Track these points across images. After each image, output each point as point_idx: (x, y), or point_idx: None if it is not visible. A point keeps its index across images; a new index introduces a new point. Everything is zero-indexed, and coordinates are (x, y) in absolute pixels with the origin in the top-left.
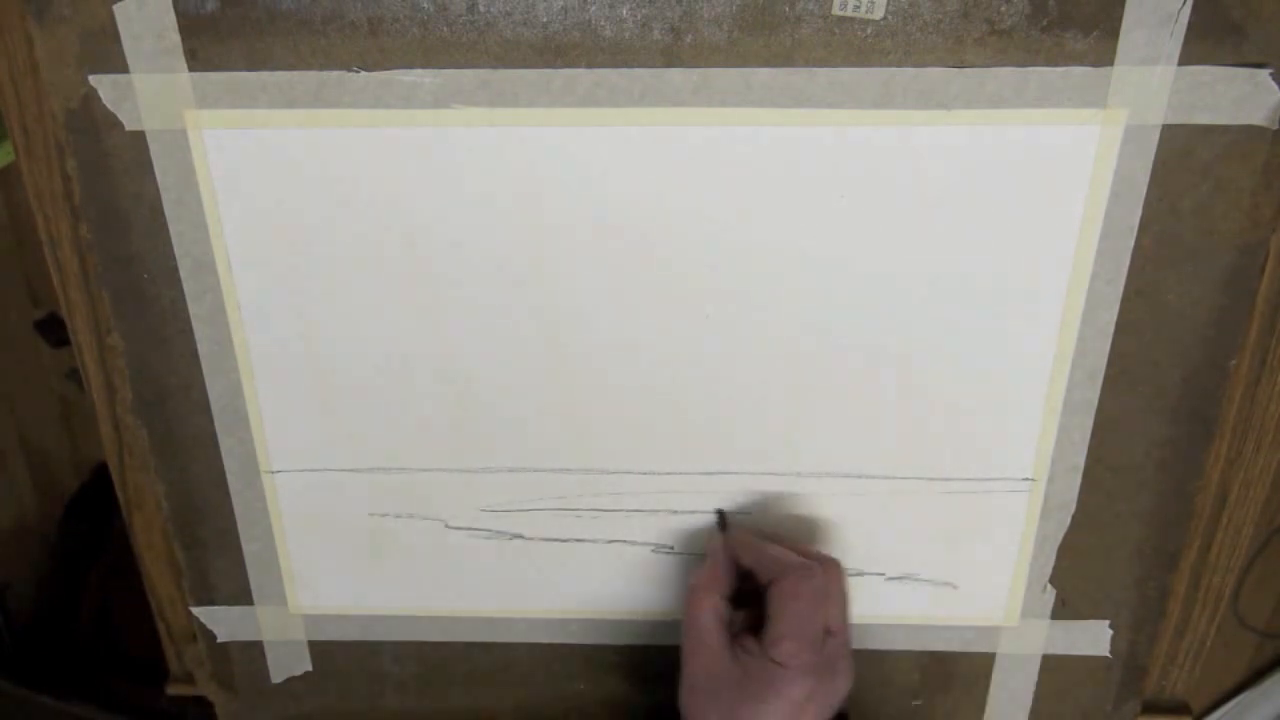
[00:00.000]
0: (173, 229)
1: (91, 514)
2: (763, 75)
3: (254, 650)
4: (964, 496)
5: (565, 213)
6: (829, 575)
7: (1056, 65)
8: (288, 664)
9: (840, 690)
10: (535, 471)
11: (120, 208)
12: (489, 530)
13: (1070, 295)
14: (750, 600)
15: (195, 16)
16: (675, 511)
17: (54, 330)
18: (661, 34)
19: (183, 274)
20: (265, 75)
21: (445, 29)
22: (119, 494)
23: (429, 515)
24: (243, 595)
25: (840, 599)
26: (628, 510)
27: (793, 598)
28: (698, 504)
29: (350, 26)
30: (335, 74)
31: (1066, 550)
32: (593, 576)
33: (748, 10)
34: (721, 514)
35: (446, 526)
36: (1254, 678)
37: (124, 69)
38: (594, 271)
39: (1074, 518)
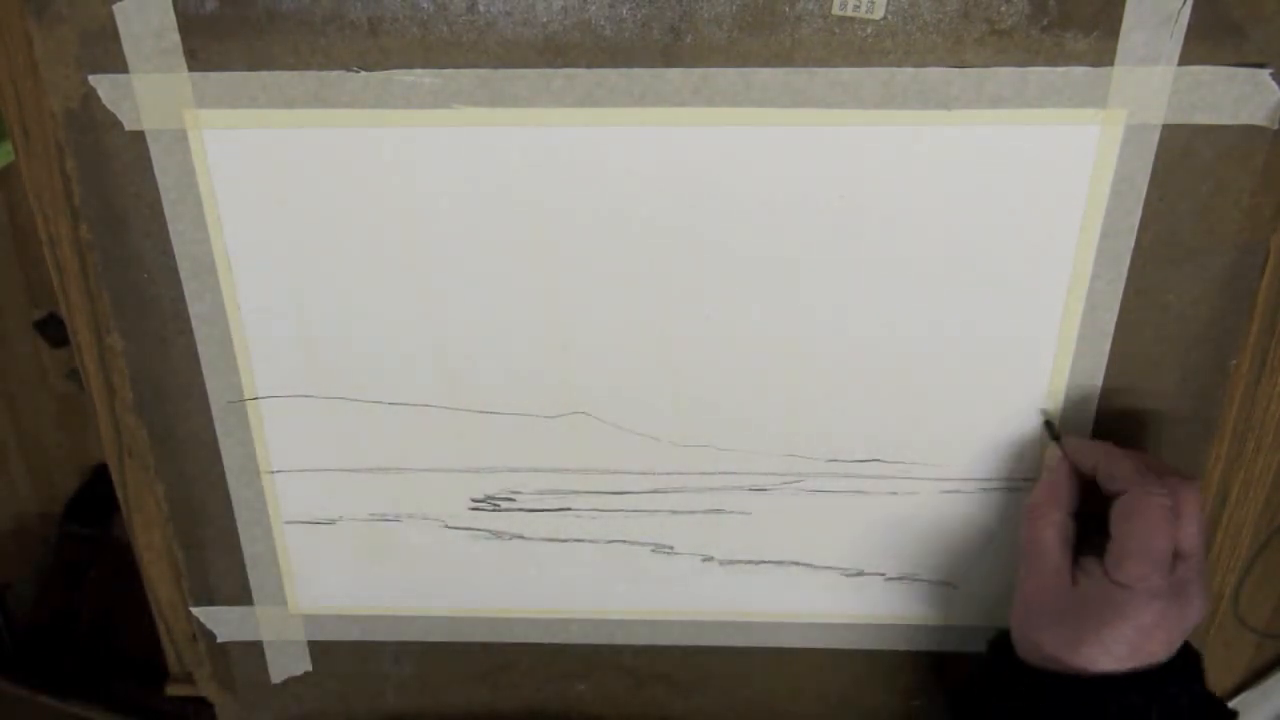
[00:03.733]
0: (173, 229)
1: (91, 514)
2: (763, 75)
3: (254, 650)
4: (964, 496)
5: (565, 212)
6: (1182, 493)
7: (1056, 65)
8: (288, 664)
9: (1191, 619)
10: (535, 471)
11: (120, 208)
12: (489, 530)
13: (1070, 295)
14: (1093, 523)
15: (195, 16)
16: (675, 511)
17: (54, 330)
18: (661, 34)
19: (183, 274)
20: (265, 75)
21: (445, 29)
22: (119, 494)
23: (429, 515)
24: (243, 595)
25: (1195, 520)
26: (628, 510)
27: (1140, 515)
28: (698, 504)
29: (350, 26)
30: (335, 74)
31: None
32: (593, 576)
33: (748, 10)
34: (1050, 422)
35: (446, 526)
36: (1254, 678)
37: (124, 69)
38: (594, 271)
39: None
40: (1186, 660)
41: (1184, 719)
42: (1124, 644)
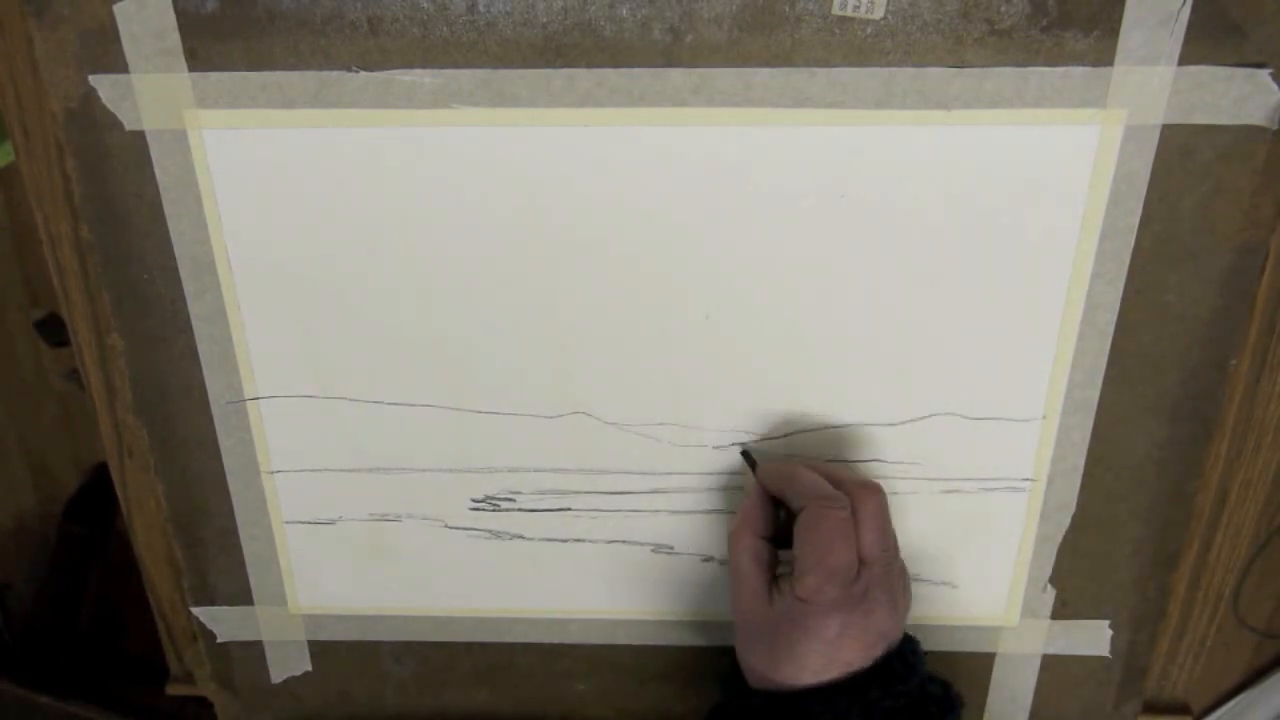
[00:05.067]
0: (173, 229)
1: (91, 514)
2: (763, 75)
3: (254, 650)
4: (964, 496)
5: (565, 212)
6: (861, 501)
7: (1056, 65)
8: (288, 664)
9: (882, 623)
10: (535, 471)
11: (120, 208)
12: (489, 530)
13: (1070, 295)
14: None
15: (195, 16)
16: (675, 511)
17: (54, 330)
18: (661, 34)
19: (183, 274)
20: (265, 75)
21: (445, 29)
22: (119, 494)
23: (429, 515)
24: (243, 595)
25: (876, 526)
26: (627, 510)
27: (813, 530)
28: (698, 504)
29: (350, 26)
30: (335, 74)
31: (1066, 550)
32: (593, 576)
33: (748, 10)
34: (747, 453)
35: (446, 526)
36: (1254, 678)
37: (124, 69)
38: (594, 271)
39: (1074, 518)
40: (894, 662)
41: (896, 718)
42: (816, 657)
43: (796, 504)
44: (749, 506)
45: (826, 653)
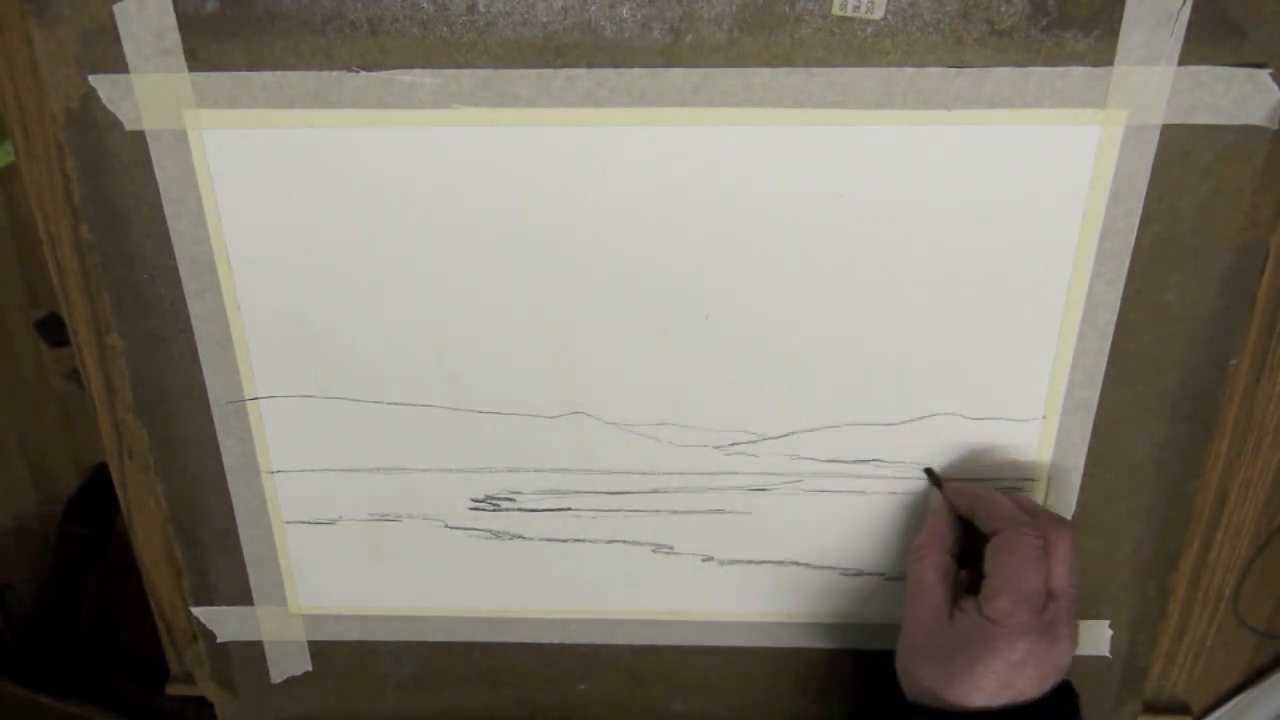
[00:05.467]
0: (173, 229)
1: (91, 514)
2: (763, 75)
3: (254, 650)
4: None
5: (565, 212)
6: (1054, 535)
7: (1056, 65)
8: (288, 664)
9: (1060, 657)
10: (535, 471)
11: (120, 208)
12: (489, 530)
13: (1070, 295)
14: (975, 561)
15: (195, 16)
16: (675, 511)
17: (54, 330)
18: (661, 34)
19: (183, 274)
20: (265, 75)
21: (445, 29)
22: (119, 494)
23: (429, 515)
24: (243, 595)
25: (1065, 561)
26: (628, 510)
27: (1009, 553)
28: (698, 504)
29: (350, 26)
30: (335, 74)
31: None
32: (593, 576)
33: (748, 10)
34: (931, 471)
35: (446, 526)
36: (1254, 678)
37: (124, 69)
38: (594, 271)
39: (1074, 518)
40: (1059, 699)
41: None
42: (994, 678)
43: (989, 526)
44: (937, 523)
45: (1005, 676)
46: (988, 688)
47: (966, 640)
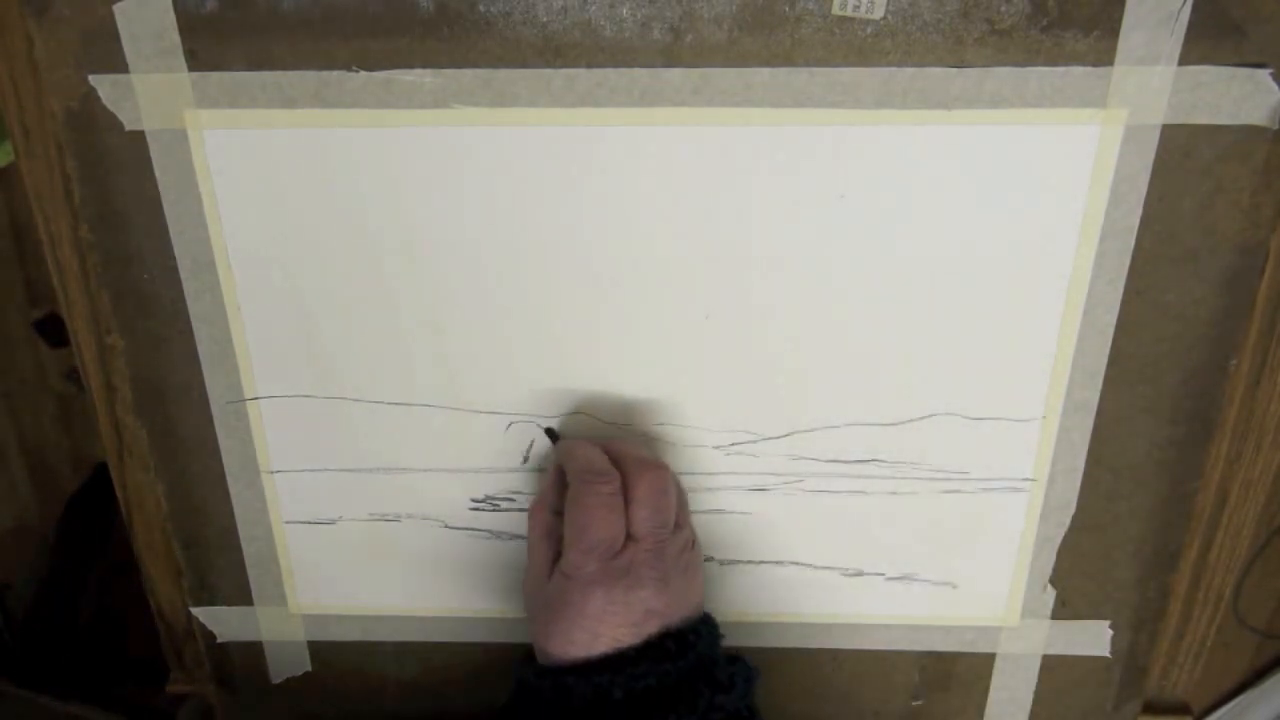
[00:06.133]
0: (173, 229)
1: (91, 514)
2: (763, 75)
3: (254, 650)
4: (964, 496)
5: (565, 212)
6: (633, 478)
7: (1056, 65)
8: (288, 664)
9: (651, 600)
10: (535, 472)
11: (120, 208)
12: (489, 530)
13: (1070, 295)
14: None
15: (195, 16)
16: None
17: (54, 330)
18: (661, 34)
19: (183, 274)
20: (265, 75)
21: (445, 29)
22: (119, 494)
23: (429, 515)
24: (243, 595)
25: (648, 503)
26: None
27: (573, 505)
28: (698, 504)
29: (350, 26)
30: (335, 74)
31: (1066, 550)
32: None
33: (748, 10)
34: (550, 430)
35: (446, 526)
36: (1254, 678)
37: (124, 69)
38: (594, 271)
39: (1074, 518)
40: (669, 641)
41: (657, 697)
42: (580, 631)
43: (570, 480)
44: (543, 483)
45: (589, 627)
46: (579, 640)
47: (553, 597)
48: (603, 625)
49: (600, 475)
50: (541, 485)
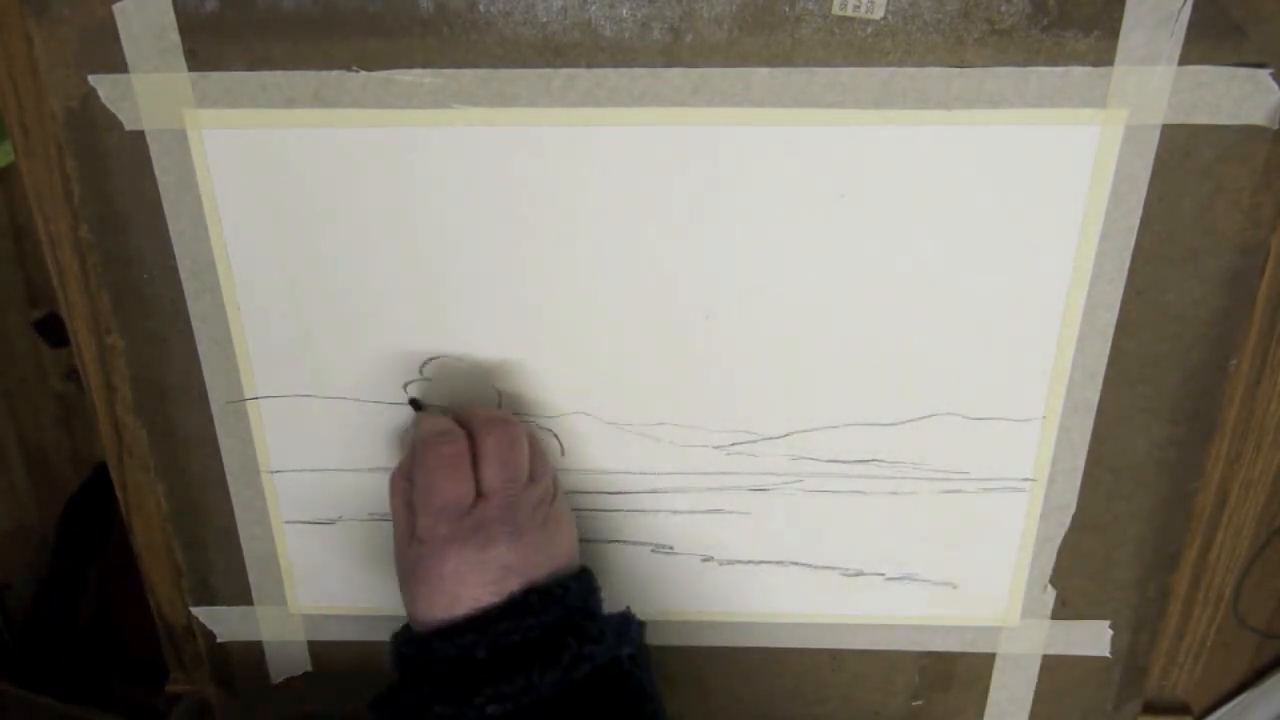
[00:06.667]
0: (173, 229)
1: (91, 514)
2: (763, 75)
3: (254, 650)
4: (964, 496)
5: (565, 212)
6: (480, 435)
7: (1056, 65)
8: (288, 664)
9: (505, 556)
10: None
11: (120, 208)
12: None
13: (1070, 295)
14: None
15: (195, 16)
16: (675, 511)
17: (54, 330)
18: (661, 34)
19: (183, 274)
20: (265, 75)
21: (445, 29)
22: (119, 494)
23: None
24: (243, 595)
25: (496, 458)
26: (627, 510)
27: (421, 470)
28: (698, 504)
29: (350, 26)
30: (335, 74)
31: (1066, 550)
32: None
33: (748, 10)
34: (415, 400)
35: None
36: (1254, 678)
37: (124, 69)
38: (594, 271)
39: (1074, 518)
40: (532, 596)
41: (520, 653)
42: (440, 595)
43: (416, 446)
44: (404, 454)
45: (448, 590)
46: (440, 604)
47: (413, 563)
48: (461, 586)
49: (442, 436)
50: (403, 456)
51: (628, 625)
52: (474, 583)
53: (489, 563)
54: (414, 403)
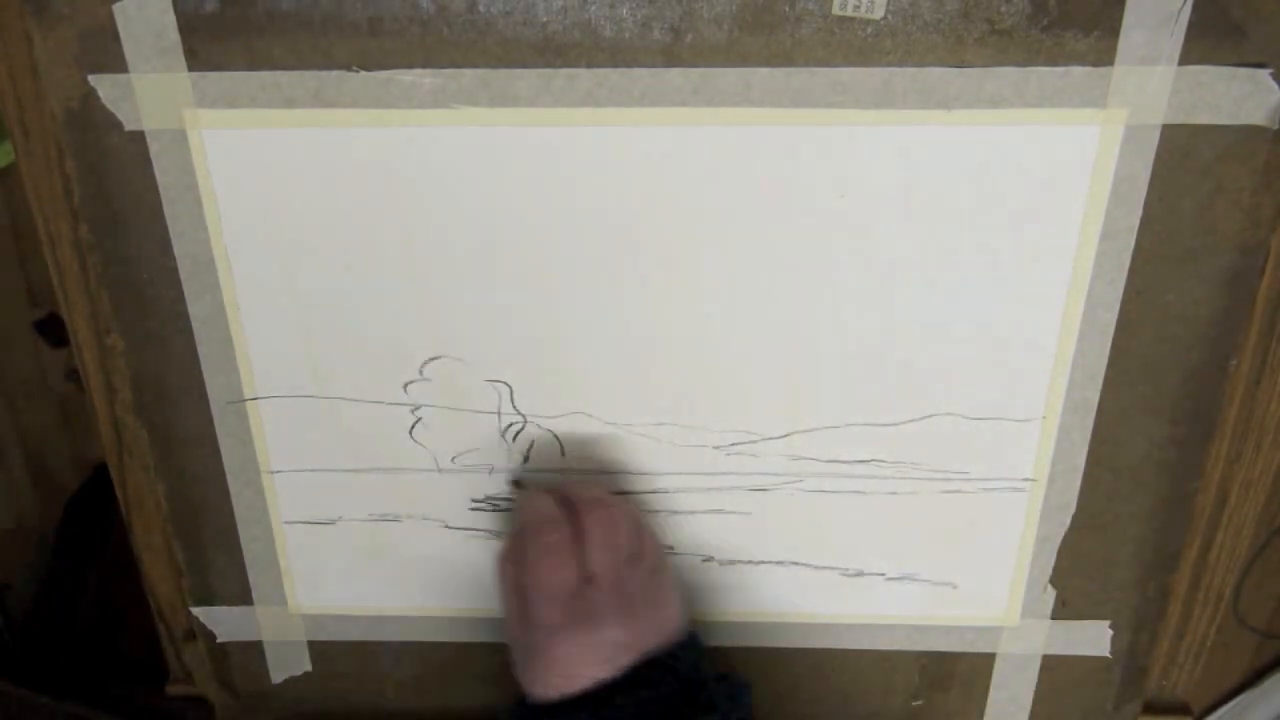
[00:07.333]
0: (173, 229)
1: (91, 514)
2: (763, 75)
3: (254, 650)
4: (964, 496)
5: (565, 212)
6: (583, 518)
7: (1056, 65)
8: (288, 664)
9: (617, 635)
10: (534, 471)
11: (120, 208)
12: (489, 530)
13: (1070, 295)
14: None
15: (195, 16)
16: (675, 511)
17: (54, 330)
18: (661, 34)
19: (183, 274)
20: (265, 75)
21: (445, 29)
22: (119, 494)
23: (429, 515)
24: (243, 595)
25: (600, 541)
26: None
27: (525, 559)
28: (698, 504)
29: (350, 26)
30: (335, 74)
31: (1066, 550)
32: None
33: (748, 10)
34: (516, 480)
35: (446, 526)
36: (1254, 678)
37: (123, 69)
38: (594, 271)
39: (1074, 518)
40: (644, 669)
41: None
42: (553, 676)
43: (520, 534)
44: (510, 538)
45: (562, 671)
46: (555, 684)
47: (526, 647)
48: (575, 667)
49: (545, 524)
50: (507, 539)
51: (737, 690)
52: (588, 663)
53: (602, 644)
54: (515, 483)
